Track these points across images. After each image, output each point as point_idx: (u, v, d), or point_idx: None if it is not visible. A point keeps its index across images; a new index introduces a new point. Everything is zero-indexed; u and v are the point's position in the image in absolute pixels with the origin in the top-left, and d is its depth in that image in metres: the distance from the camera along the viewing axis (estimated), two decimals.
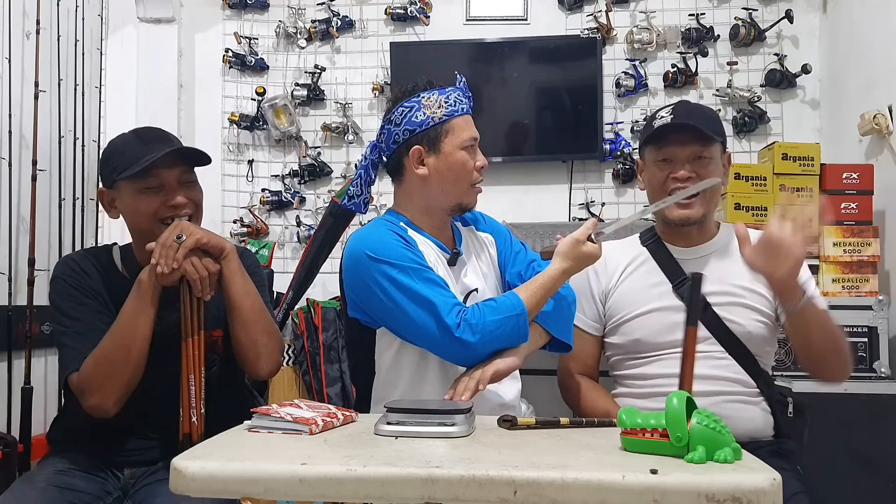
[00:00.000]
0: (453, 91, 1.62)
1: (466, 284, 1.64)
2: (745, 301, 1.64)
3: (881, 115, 2.60)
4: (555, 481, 0.97)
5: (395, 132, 1.61)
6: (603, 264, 1.70)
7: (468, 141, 1.60)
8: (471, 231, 1.75)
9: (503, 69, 3.28)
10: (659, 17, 3.28)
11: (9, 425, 2.14)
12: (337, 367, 2.85)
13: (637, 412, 1.14)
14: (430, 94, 1.60)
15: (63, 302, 1.57)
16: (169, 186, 1.58)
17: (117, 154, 1.61)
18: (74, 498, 1.47)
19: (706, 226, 1.71)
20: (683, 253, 1.70)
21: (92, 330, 1.54)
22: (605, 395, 1.73)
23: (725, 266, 1.67)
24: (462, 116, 1.61)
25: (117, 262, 1.65)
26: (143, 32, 3.21)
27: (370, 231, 1.61)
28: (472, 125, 1.63)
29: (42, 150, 2.36)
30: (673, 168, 1.65)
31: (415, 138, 1.59)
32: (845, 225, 2.60)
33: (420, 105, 1.59)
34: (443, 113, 1.59)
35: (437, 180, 1.60)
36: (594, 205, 3.27)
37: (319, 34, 3.41)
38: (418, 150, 1.59)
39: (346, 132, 3.38)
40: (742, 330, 1.62)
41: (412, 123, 1.59)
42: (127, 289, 1.56)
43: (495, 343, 1.49)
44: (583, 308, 1.74)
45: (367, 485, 1.00)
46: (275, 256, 3.29)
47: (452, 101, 1.60)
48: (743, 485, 0.95)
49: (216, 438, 1.22)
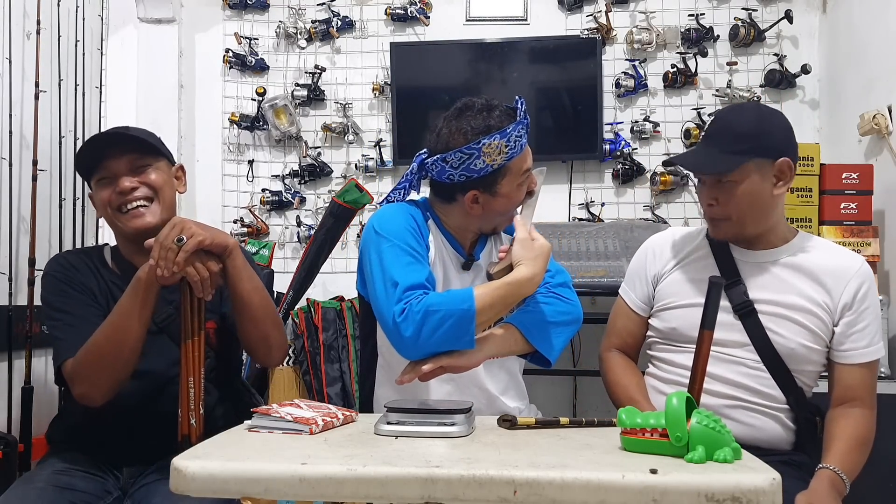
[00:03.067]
0: (514, 129, 1.52)
1: None
2: (794, 317, 1.57)
3: (881, 115, 2.60)
4: (555, 481, 0.97)
5: (450, 172, 1.54)
6: (661, 248, 1.72)
7: (524, 175, 1.58)
8: (497, 237, 1.72)
9: (503, 69, 3.28)
10: (659, 18, 3.28)
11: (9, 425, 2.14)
12: (337, 367, 2.85)
13: (637, 412, 1.14)
14: (491, 140, 1.50)
15: (53, 297, 1.58)
16: (118, 173, 1.58)
17: (79, 159, 1.65)
18: (75, 498, 1.47)
19: (770, 233, 1.63)
20: (745, 255, 1.64)
21: (83, 321, 1.54)
22: (634, 378, 1.72)
23: (785, 277, 1.60)
24: (520, 154, 1.56)
25: (108, 260, 1.67)
26: (144, 32, 3.21)
27: (389, 209, 1.61)
28: (529, 156, 1.60)
29: (42, 150, 2.35)
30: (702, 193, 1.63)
31: (471, 183, 1.54)
32: (845, 225, 2.60)
33: (480, 153, 1.50)
34: (503, 159, 1.52)
35: (487, 213, 1.59)
36: (594, 205, 3.27)
37: (319, 34, 3.41)
38: (474, 194, 1.55)
39: (346, 132, 3.38)
40: (784, 344, 1.57)
41: (470, 171, 1.52)
42: (118, 284, 1.58)
43: (433, 342, 1.39)
44: (634, 287, 1.74)
45: (367, 485, 1.00)
46: (275, 256, 3.28)
47: (513, 143, 1.53)
48: (742, 484, 0.96)
49: (216, 438, 1.22)
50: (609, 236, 2.87)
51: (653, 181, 3.24)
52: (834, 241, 2.56)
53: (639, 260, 1.76)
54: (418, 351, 1.42)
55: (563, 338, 1.59)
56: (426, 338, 1.39)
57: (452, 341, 1.41)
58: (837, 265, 1.61)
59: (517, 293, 1.49)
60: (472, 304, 1.40)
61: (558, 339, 1.58)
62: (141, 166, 1.60)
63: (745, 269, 1.63)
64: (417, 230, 1.56)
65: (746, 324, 1.58)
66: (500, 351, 1.53)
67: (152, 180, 1.60)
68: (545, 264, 1.52)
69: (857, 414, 1.57)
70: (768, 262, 1.63)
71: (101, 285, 1.62)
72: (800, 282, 1.59)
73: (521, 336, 1.54)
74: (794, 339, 1.57)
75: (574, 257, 2.79)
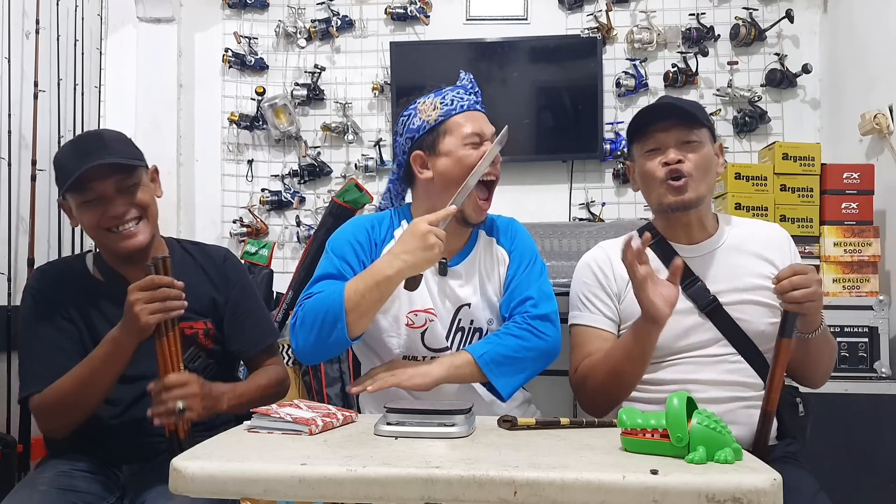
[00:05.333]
0: (451, 90, 1.61)
1: (459, 296, 1.61)
2: (755, 298, 1.58)
3: (881, 115, 2.60)
4: (555, 481, 0.97)
5: (400, 143, 1.63)
6: (609, 265, 1.65)
7: (469, 137, 1.57)
8: (490, 243, 1.67)
9: (503, 69, 3.28)
10: (659, 17, 3.28)
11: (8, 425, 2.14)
12: (337, 367, 2.84)
13: (637, 412, 1.13)
14: (425, 98, 1.60)
15: (29, 316, 1.61)
16: (106, 197, 1.57)
17: (58, 168, 1.61)
18: (77, 499, 1.47)
19: (706, 218, 1.65)
20: (689, 251, 1.63)
21: (53, 352, 1.57)
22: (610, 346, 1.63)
23: (733, 262, 1.61)
24: (462, 113, 1.58)
25: (90, 267, 1.68)
26: (143, 32, 3.20)
27: (348, 224, 1.66)
28: (478, 120, 1.60)
29: (42, 150, 2.36)
30: (664, 155, 1.59)
31: (415, 144, 1.60)
32: (846, 225, 2.60)
33: (416, 111, 1.60)
34: (438, 114, 1.58)
35: (441, 181, 1.58)
36: (594, 204, 3.27)
37: (319, 34, 3.41)
38: (419, 155, 1.59)
39: (345, 132, 3.38)
40: (753, 329, 1.57)
41: (411, 131, 1.60)
42: (101, 291, 1.62)
43: (308, 329, 1.44)
44: (596, 307, 1.64)
45: (367, 485, 0.99)
46: (275, 256, 3.28)
47: (449, 101, 1.59)
48: (743, 485, 0.95)
49: (215, 438, 1.21)
50: (609, 236, 2.86)
51: None
52: (835, 240, 2.58)
53: (587, 280, 1.67)
54: (298, 347, 1.48)
55: (525, 374, 1.55)
56: (302, 326, 1.46)
57: (328, 327, 1.43)
58: (768, 235, 1.66)
59: (381, 280, 1.42)
60: (342, 288, 1.44)
61: (519, 375, 1.53)
62: (128, 186, 1.59)
63: (695, 264, 1.61)
64: (366, 243, 1.59)
65: (715, 319, 1.57)
66: (453, 379, 1.52)
67: (140, 200, 1.60)
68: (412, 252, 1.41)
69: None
70: (712, 252, 1.63)
71: (82, 295, 1.63)
72: (747, 261, 1.61)
73: (478, 367, 1.50)
74: (761, 321, 1.57)
75: (574, 257, 2.78)
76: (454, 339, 1.61)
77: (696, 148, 1.59)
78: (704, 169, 1.60)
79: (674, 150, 1.59)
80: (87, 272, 1.67)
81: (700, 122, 1.61)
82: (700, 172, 1.59)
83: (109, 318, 1.59)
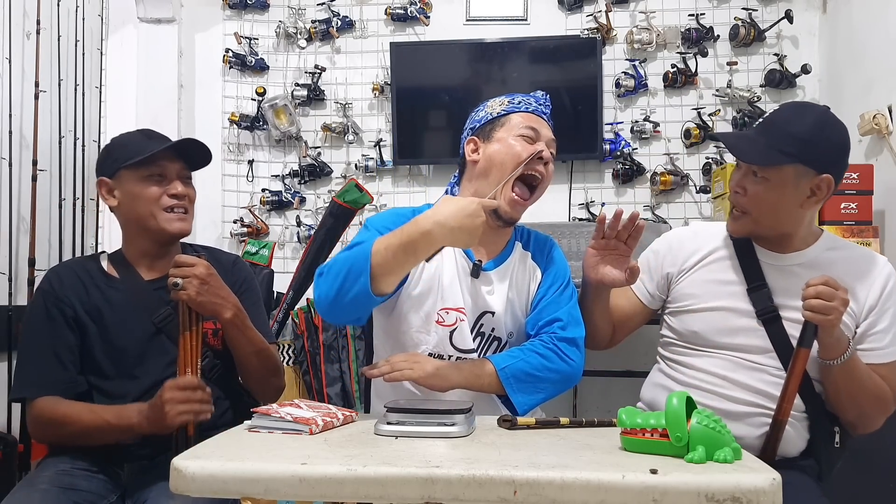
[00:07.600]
0: (523, 95, 1.67)
1: (486, 302, 1.59)
2: None
3: (881, 115, 2.60)
4: (555, 481, 0.97)
5: (465, 134, 1.69)
6: (681, 245, 1.68)
7: (524, 130, 1.59)
8: (525, 257, 1.68)
9: (503, 69, 3.28)
10: (659, 18, 3.28)
11: (9, 425, 2.14)
12: (337, 367, 2.85)
13: (637, 412, 1.14)
14: (496, 98, 1.67)
15: (35, 318, 1.64)
16: (170, 177, 1.67)
17: (120, 147, 1.70)
18: (78, 498, 1.47)
19: (793, 236, 1.59)
20: (770, 257, 1.60)
21: (51, 361, 1.60)
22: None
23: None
24: (522, 113, 1.62)
25: (104, 265, 1.71)
26: (144, 32, 3.20)
27: (390, 210, 1.68)
28: (538, 122, 1.62)
29: (42, 150, 2.36)
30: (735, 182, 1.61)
31: (474, 133, 1.65)
32: (845, 225, 2.60)
33: (484, 107, 1.67)
34: (502, 108, 1.63)
35: (485, 164, 1.60)
36: (594, 205, 3.27)
37: (319, 34, 3.41)
38: (473, 139, 1.64)
39: (346, 132, 3.38)
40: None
41: (474, 122, 1.67)
42: (112, 285, 1.65)
43: (333, 278, 1.38)
44: (643, 279, 1.68)
45: (367, 485, 1.00)
46: (275, 256, 3.28)
47: (517, 101, 1.65)
48: (742, 484, 0.96)
49: (216, 438, 1.22)
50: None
51: (653, 181, 3.23)
52: None
53: (656, 252, 1.72)
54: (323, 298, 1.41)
55: (543, 395, 1.54)
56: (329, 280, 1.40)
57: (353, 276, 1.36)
58: (864, 268, 1.58)
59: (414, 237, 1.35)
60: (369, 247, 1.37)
61: (537, 394, 1.53)
62: (186, 177, 1.71)
63: (770, 272, 1.58)
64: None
65: (770, 330, 1.55)
66: (470, 387, 1.51)
67: (192, 195, 1.73)
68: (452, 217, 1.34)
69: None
70: (794, 266, 1.58)
71: (95, 293, 1.65)
72: None
73: (497, 379, 1.50)
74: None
75: (574, 257, 2.78)
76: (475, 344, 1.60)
77: (760, 182, 1.54)
78: (764, 205, 1.54)
79: (738, 185, 1.59)
80: (101, 269, 1.70)
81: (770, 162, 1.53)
82: (756, 208, 1.55)
83: (121, 313, 1.63)
